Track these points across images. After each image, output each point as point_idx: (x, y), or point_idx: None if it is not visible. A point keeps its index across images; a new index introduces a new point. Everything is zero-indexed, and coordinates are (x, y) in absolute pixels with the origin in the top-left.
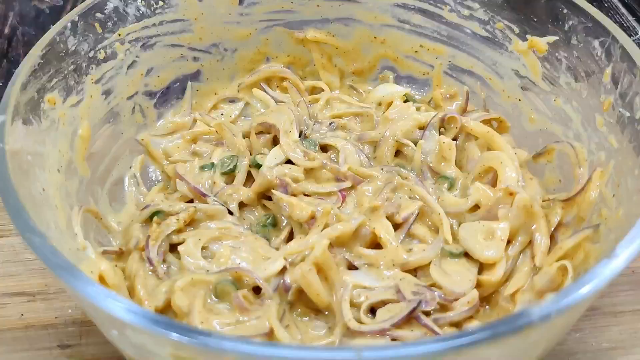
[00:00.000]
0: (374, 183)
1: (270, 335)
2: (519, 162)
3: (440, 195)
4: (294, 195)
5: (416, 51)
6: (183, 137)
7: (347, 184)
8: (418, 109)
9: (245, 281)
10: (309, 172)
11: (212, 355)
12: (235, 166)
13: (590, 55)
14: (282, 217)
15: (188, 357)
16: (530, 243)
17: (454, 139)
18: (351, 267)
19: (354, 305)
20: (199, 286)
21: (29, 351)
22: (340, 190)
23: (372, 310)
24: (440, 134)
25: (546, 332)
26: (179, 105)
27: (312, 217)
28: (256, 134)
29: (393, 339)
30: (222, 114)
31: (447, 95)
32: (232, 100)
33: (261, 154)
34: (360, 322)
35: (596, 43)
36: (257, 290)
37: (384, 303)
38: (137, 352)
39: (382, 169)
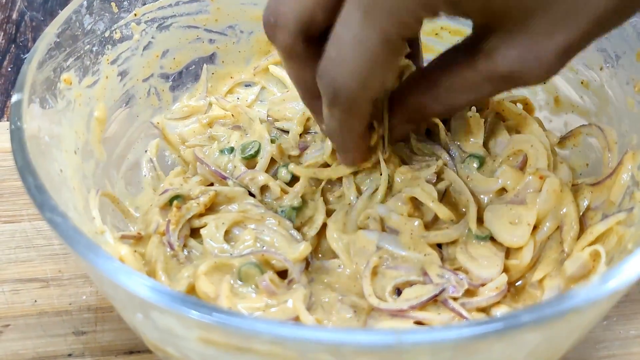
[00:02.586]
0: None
1: (297, 320)
2: (550, 145)
3: (470, 174)
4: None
5: (437, 33)
6: (199, 121)
7: None
8: None
9: (273, 263)
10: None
11: (244, 337)
12: (257, 152)
13: (620, 35)
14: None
15: (216, 340)
16: (558, 228)
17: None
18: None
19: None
20: (223, 270)
21: (43, 338)
22: None
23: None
24: None
25: (590, 316)
26: (195, 89)
27: None
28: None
29: (418, 322)
30: (238, 98)
31: None
32: (248, 85)
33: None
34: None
35: (627, 22)
36: (280, 273)
37: (410, 284)
38: (161, 336)
39: None
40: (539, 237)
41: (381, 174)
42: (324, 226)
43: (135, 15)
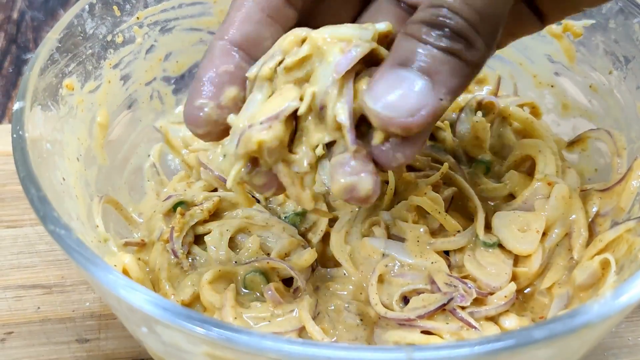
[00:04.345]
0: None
1: (303, 330)
2: (558, 149)
3: (477, 180)
4: None
5: None
6: None
7: None
8: None
9: (277, 272)
10: None
11: (252, 354)
12: None
13: (629, 38)
14: None
15: (223, 356)
16: (567, 235)
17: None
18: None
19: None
20: (228, 278)
21: (47, 345)
22: None
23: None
24: None
25: (602, 330)
26: None
27: None
28: None
29: (425, 332)
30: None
31: (476, 80)
32: None
33: None
34: (390, 310)
35: (636, 26)
36: (285, 281)
37: (417, 293)
38: (167, 350)
39: None
40: (547, 244)
41: (387, 182)
42: (329, 232)
43: (137, 18)
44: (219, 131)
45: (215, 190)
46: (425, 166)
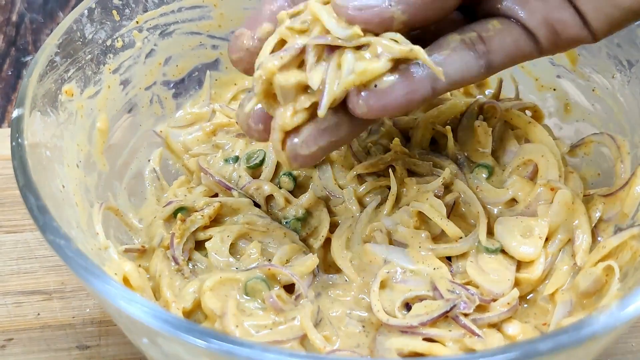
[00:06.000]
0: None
1: (304, 338)
2: (560, 153)
3: (479, 184)
4: None
5: None
6: (203, 129)
7: None
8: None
9: (278, 278)
10: None
11: None
12: (262, 161)
13: (632, 42)
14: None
15: None
16: (570, 240)
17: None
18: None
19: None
20: (229, 285)
21: (47, 352)
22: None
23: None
24: None
25: (608, 340)
26: (198, 96)
27: None
28: None
29: (427, 339)
30: None
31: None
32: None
33: None
34: (392, 317)
35: (639, 30)
36: (287, 287)
37: (419, 299)
38: None
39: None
40: (550, 250)
41: (388, 187)
42: (331, 237)
43: (137, 22)
44: (251, 62)
45: (216, 195)
46: (427, 172)
